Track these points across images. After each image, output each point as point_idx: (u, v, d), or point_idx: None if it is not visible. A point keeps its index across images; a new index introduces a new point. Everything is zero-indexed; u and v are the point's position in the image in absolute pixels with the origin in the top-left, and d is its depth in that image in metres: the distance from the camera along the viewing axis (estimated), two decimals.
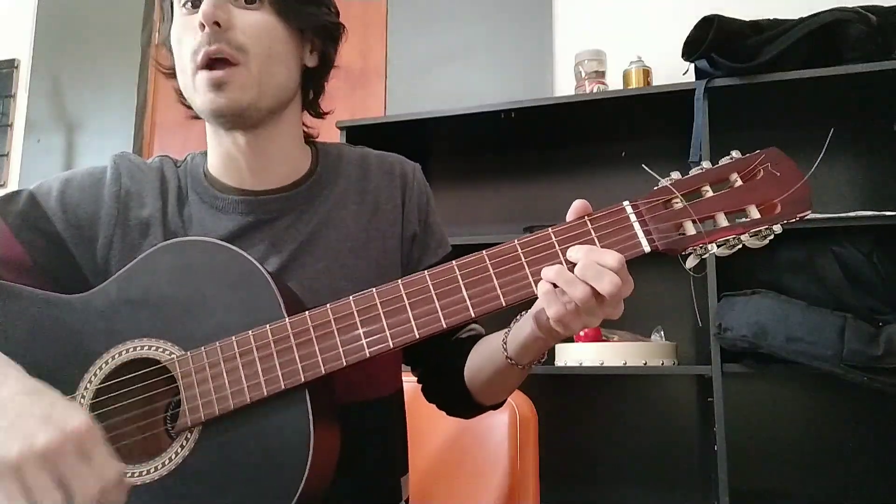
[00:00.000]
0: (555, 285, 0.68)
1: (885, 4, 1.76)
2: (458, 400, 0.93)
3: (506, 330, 0.84)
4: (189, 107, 0.91)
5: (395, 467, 0.96)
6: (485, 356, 0.88)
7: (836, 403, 1.91)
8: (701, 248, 0.70)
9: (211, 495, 0.70)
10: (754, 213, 0.70)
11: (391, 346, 0.72)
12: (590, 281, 0.67)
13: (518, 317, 0.82)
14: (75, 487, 0.59)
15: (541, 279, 0.70)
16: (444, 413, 1.00)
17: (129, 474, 0.72)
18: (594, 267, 0.67)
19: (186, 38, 0.83)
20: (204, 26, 0.79)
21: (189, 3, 0.83)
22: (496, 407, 0.95)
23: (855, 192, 1.95)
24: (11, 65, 2.90)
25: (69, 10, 2.88)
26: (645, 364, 1.79)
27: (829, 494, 1.88)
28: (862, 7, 1.73)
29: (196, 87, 0.83)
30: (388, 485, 0.93)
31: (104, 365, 0.75)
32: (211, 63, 0.81)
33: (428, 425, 0.98)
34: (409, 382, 1.01)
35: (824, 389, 1.92)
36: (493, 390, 0.91)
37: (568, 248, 0.70)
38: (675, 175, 0.72)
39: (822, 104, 1.89)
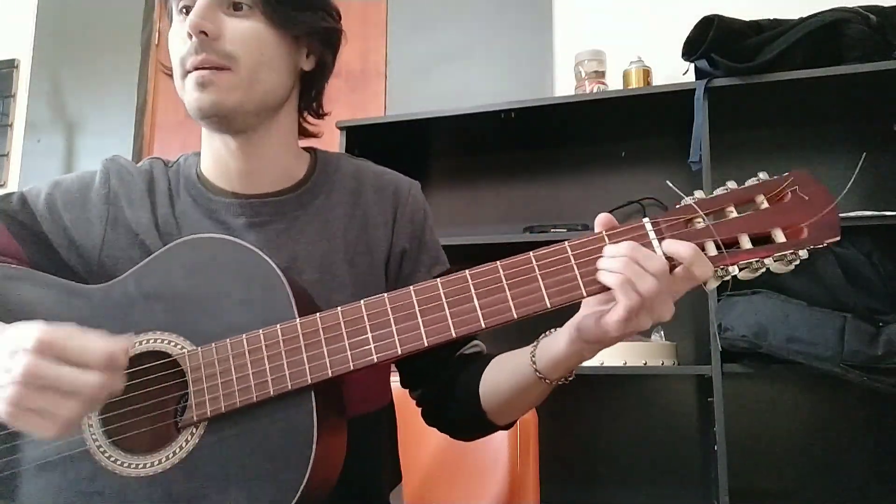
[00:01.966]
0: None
1: (885, 4, 1.77)
2: (467, 419, 0.91)
3: (532, 345, 0.82)
4: None
5: (385, 481, 0.95)
6: (507, 371, 0.86)
7: (836, 403, 1.91)
8: (722, 269, 0.69)
9: (212, 490, 0.70)
10: (780, 237, 0.68)
11: (399, 352, 0.71)
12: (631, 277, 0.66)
13: (548, 332, 0.81)
14: (72, 393, 0.63)
15: (557, 289, 0.69)
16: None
17: (133, 466, 0.73)
18: (633, 266, 0.67)
19: (177, 44, 0.84)
20: (191, 36, 0.80)
21: (184, 10, 0.84)
22: (507, 427, 0.92)
23: (855, 192, 1.95)
24: (11, 65, 2.90)
25: (69, 10, 2.88)
26: (645, 364, 1.80)
27: (829, 494, 1.88)
28: (862, 7, 1.73)
29: (185, 88, 0.83)
30: (377, 501, 0.93)
31: None
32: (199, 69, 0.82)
33: (428, 427, 0.98)
34: None
35: (824, 389, 1.92)
36: (511, 407, 0.88)
37: (584, 261, 0.69)
38: (699, 194, 0.71)
39: (822, 104, 1.89)
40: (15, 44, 2.92)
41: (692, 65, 1.86)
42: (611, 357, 1.80)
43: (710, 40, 1.73)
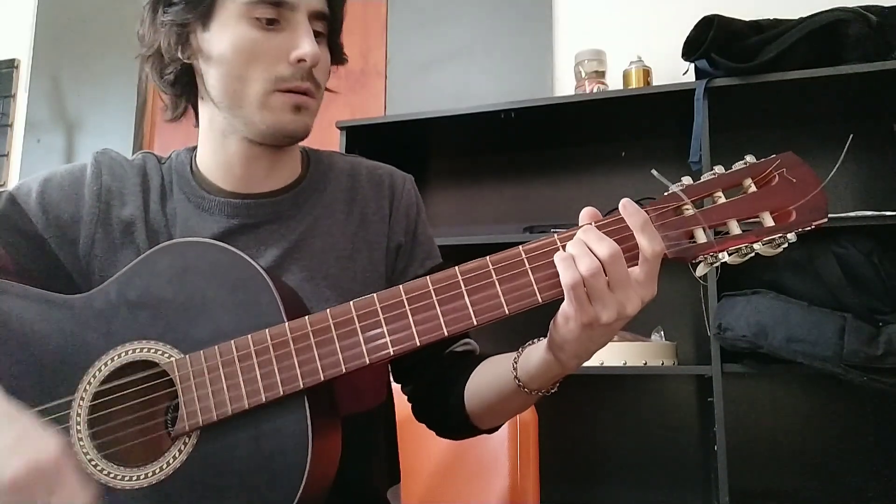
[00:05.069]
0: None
1: (885, 4, 1.77)
2: (452, 419, 0.90)
3: (517, 351, 0.81)
4: (167, 92, 0.90)
5: (381, 480, 0.95)
6: (491, 376, 0.85)
7: (836, 403, 1.91)
8: (711, 256, 0.68)
9: (208, 500, 0.69)
10: (768, 221, 0.68)
11: (391, 353, 0.70)
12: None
13: (534, 340, 0.80)
14: None
15: (546, 283, 0.68)
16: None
17: (125, 478, 0.72)
18: (581, 246, 0.66)
19: (265, 57, 0.82)
20: (301, 60, 0.82)
21: (265, 20, 0.82)
22: (491, 431, 0.92)
23: (855, 192, 1.95)
24: (11, 65, 2.90)
25: (69, 10, 2.88)
26: (645, 364, 1.79)
27: (829, 494, 1.88)
28: (862, 7, 1.73)
29: (270, 105, 0.83)
30: (372, 499, 0.92)
31: (103, 366, 0.75)
32: None
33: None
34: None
35: (824, 389, 1.92)
36: (492, 413, 0.88)
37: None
38: (687, 180, 0.70)
39: (821, 104, 1.89)
40: (15, 44, 2.92)
41: (692, 65, 1.86)
42: (611, 357, 1.80)
43: (710, 40, 1.73)
